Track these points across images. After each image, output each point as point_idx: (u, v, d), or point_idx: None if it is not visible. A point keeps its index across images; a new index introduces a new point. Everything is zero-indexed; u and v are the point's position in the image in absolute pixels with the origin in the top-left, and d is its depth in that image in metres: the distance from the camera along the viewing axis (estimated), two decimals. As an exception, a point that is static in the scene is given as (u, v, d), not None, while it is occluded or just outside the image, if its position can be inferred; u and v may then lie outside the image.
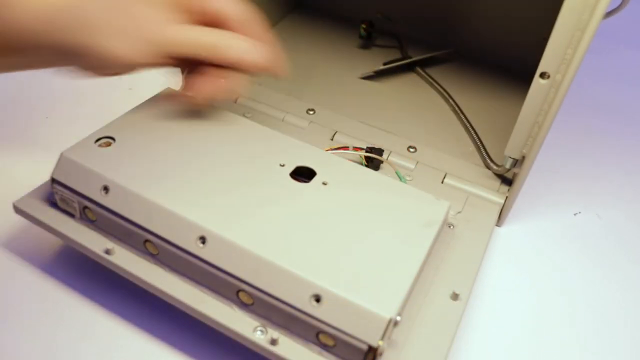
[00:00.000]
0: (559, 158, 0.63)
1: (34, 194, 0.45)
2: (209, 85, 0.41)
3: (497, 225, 0.53)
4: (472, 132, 0.60)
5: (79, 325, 0.43)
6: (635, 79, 0.77)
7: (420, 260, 0.38)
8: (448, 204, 0.43)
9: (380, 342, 0.33)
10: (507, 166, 0.51)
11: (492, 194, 0.53)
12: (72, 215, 0.43)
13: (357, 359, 0.35)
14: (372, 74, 0.68)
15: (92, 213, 0.42)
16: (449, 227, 0.48)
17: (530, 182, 0.57)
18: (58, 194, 0.43)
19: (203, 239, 0.38)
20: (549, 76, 0.44)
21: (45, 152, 0.58)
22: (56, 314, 0.43)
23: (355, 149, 0.54)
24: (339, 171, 0.44)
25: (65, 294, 0.45)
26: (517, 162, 0.51)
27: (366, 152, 0.54)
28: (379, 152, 0.54)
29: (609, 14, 0.48)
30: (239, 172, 0.43)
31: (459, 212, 0.50)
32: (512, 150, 0.50)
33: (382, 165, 0.54)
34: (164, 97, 0.50)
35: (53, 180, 0.43)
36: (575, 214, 0.57)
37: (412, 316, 0.40)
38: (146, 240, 0.40)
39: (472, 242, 0.47)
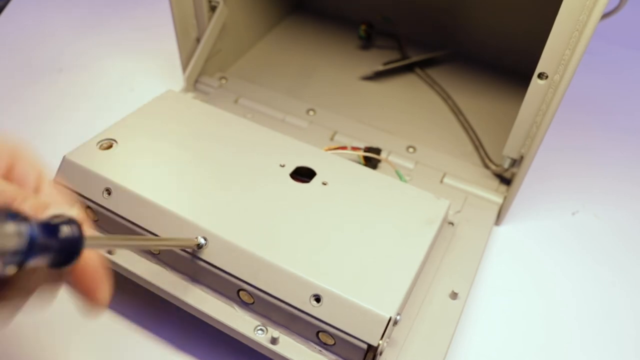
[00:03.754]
0: (557, 158, 0.63)
1: (36, 194, 0.45)
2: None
3: (496, 224, 0.54)
4: (470, 132, 0.61)
5: (80, 325, 0.43)
6: (633, 79, 0.77)
7: (420, 259, 0.38)
8: (448, 203, 0.43)
9: (380, 341, 0.34)
10: (506, 166, 0.52)
11: (491, 194, 0.53)
12: (74, 216, 0.44)
13: (357, 358, 0.35)
14: (371, 74, 0.69)
15: (94, 214, 0.42)
16: (449, 225, 0.48)
17: (529, 182, 0.57)
18: (60, 195, 0.43)
19: (204, 240, 0.38)
20: (547, 77, 0.44)
21: (47, 154, 0.59)
22: (57, 314, 0.44)
23: (354, 148, 0.54)
24: (338, 171, 0.44)
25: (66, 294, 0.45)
26: (516, 162, 0.51)
27: (364, 151, 0.54)
28: (377, 151, 0.54)
29: (606, 15, 0.48)
30: (240, 172, 0.43)
31: (458, 212, 0.50)
32: (510, 150, 0.50)
33: (380, 164, 0.55)
34: (165, 99, 0.50)
35: (55, 182, 0.43)
36: (573, 213, 0.57)
37: (412, 315, 0.40)
38: (147, 241, 0.40)
39: (471, 241, 0.47)
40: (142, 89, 0.68)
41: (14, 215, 0.19)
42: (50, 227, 0.21)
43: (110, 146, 0.44)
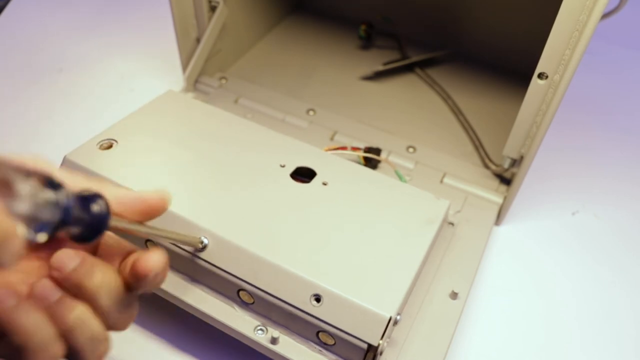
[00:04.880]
0: (557, 158, 0.63)
1: (36, 194, 0.45)
2: None
3: (496, 224, 0.54)
4: (470, 132, 0.61)
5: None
6: (633, 79, 0.77)
7: (420, 259, 0.38)
8: (448, 203, 0.43)
9: (381, 341, 0.34)
10: (506, 166, 0.52)
11: (491, 194, 0.53)
12: (74, 216, 0.44)
13: (357, 358, 0.35)
14: (371, 74, 0.69)
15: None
16: (449, 225, 0.48)
17: (529, 182, 0.57)
18: (60, 195, 0.43)
19: (204, 240, 0.38)
20: (547, 77, 0.44)
21: (47, 154, 0.59)
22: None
23: (353, 149, 0.54)
24: (338, 171, 0.44)
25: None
26: (516, 162, 0.51)
27: (364, 152, 0.54)
28: (377, 151, 0.54)
29: (606, 15, 0.48)
30: (240, 173, 0.43)
31: (458, 212, 0.50)
32: (510, 150, 0.50)
33: (380, 164, 0.55)
34: (165, 99, 0.50)
35: (55, 181, 0.43)
36: (573, 213, 0.57)
37: (412, 315, 0.40)
38: (147, 240, 0.40)
39: (471, 241, 0.47)
40: (142, 89, 0.68)
41: (53, 184, 0.19)
42: (83, 200, 0.21)
43: (110, 146, 0.44)
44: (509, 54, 0.70)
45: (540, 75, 0.44)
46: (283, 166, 0.44)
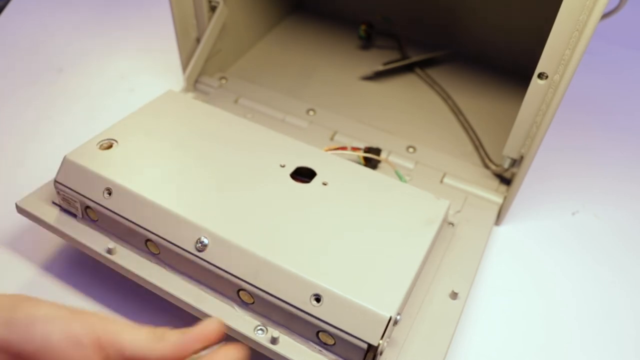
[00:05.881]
0: (557, 158, 0.63)
1: (36, 194, 0.45)
2: None
3: (496, 224, 0.54)
4: (470, 132, 0.61)
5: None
6: (633, 79, 0.77)
7: (420, 259, 0.38)
8: (448, 203, 0.43)
9: (381, 341, 0.34)
10: (506, 166, 0.52)
11: (491, 194, 0.53)
12: (74, 215, 0.44)
13: (357, 358, 0.35)
14: (371, 74, 0.69)
15: (94, 213, 0.42)
16: (449, 225, 0.48)
17: (529, 182, 0.57)
18: (60, 194, 0.43)
19: (204, 240, 0.38)
20: (547, 77, 0.44)
21: (47, 153, 0.59)
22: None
23: (353, 149, 0.54)
24: (338, 171, 0.44)
25: (67, 293, 0.45)
26: (516, 162, 0.51)
27: (364, 152, 0.54)
28: (377, 151, 0.54)
29: (606, 15, 0.48)
30: (240, 173, 0.43)
31: (458, 212, 0.50)
32: (510, 150, 0.50)
33: (380, 164, 0.55)
34: (165, 99, 0.50)
35: (56, 182, 0.43)
36: (573, 213, 0.57)
37: (412, 315, 0.40)
38: (147, 240, 0.40)
39: (471, 241, 0.47)
40: (142, 89, 0.68)
41: None
42: None
43: (110, 146, 0.44)
44: (509, 54, 0.70)
45: (540, 75, 0.44)
46: (283, 166, 0.44)
